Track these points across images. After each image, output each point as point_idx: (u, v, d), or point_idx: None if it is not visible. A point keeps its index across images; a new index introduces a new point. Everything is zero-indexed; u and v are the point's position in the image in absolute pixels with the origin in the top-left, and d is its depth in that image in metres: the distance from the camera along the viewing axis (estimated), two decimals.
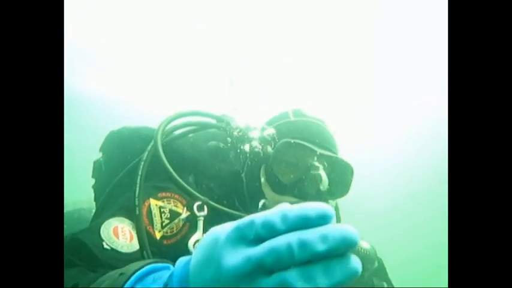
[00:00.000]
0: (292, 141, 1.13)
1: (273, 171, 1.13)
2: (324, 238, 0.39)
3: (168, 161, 1.07)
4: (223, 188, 1.23)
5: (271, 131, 1.22)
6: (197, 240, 1.01)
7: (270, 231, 0.41)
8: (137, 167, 1.09)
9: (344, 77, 10.82)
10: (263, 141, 1.21)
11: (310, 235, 0.39)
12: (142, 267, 0.59)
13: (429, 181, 12.66)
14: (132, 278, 0.56)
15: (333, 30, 9.24)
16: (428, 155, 12.45)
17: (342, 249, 0.39)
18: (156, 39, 8.92)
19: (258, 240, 0.42)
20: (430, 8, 8.26)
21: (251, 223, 0.42)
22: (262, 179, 1.16)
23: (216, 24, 8.11)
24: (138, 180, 1.03)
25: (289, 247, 0.39)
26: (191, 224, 1.10)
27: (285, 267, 0.39)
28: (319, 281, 0.38)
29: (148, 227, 1.04)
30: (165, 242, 1.06)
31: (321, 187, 1.11)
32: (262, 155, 1.18)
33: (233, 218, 1.00)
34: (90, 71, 9.08)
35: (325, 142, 1.19)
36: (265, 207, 1.10)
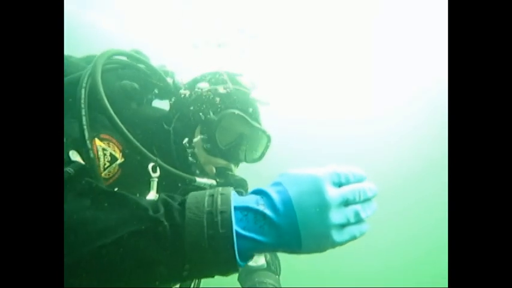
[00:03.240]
0: (236, 112, 1.23)
1: (214, 136, 1.21)
2: (370, 189, 0.71)
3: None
4: (139, 134, 1.18)
5: (217, 98, 1.25)
6: None
7: (346, 181, 0.69)
8: (76, 102, 0.97)
9: (343, 48, 10.66)
10: (205, 102, 1.24)
11: (365, 186, 0.70)
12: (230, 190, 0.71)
13: (429, 157, 12.68)
14: (232, 196, 0.69)
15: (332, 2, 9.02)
16: (429, 128, 12.43)
17: (374, 196, 0.72)
18: None
19: (338, 184, 0.68)
20: None
21: (338, 174, 0.69)
22: (196, 139, 1.23)
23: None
24: (84, 121, 0.93)
25: (358, 192, 0.68)
26: (123, 170, 1.11)
27: (353, 203, 0.68)
28: (367, 212, 0.70)
29: (98, 167, 1.02)
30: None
31: (247, 153, 1.32)
32: (203, 117, 1.22)
33: (176, 178, 1.09)
34: None
35: (256, 114, 1.31)
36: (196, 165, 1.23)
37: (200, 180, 1.13)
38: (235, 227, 0.63)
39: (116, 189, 1.09)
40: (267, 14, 9.17)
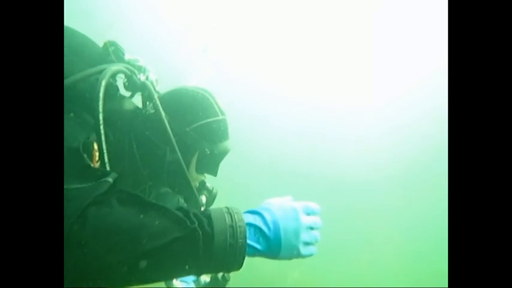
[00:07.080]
0: (228, 148, 1.42)
1: (210, 163, 1.40)
2: (320, 222, 0.97)
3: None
4: (117, 135, 1.24)
5: (214, 130, 1.37)
6: None
7: (312, 212, 0.97)
8: (94, 111, 1.04)
9: (343, 37, 10.59)
10: (205, 133, 1.34)
11: (318, 220, 0.97)
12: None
13: (429, 146, 12.63)
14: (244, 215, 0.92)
15: None
16: (429, 120, 12.38)
17: (320, 227, 0.98)
18: None
19: (307, 213, 0.96)
20: None
21: (308, 207, 0.96)
22: (193, 163, 1.37)
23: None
24: (104, 148, 1.05)
25: (316, 222, 0.96)
26: None
27: (313, 229, 0.96)
28: (318, 238, 0.96)
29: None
30: None
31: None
32: (208, 152, 1.36)
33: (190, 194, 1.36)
34: None
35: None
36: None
37: (203, 200, 1.42)
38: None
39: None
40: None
